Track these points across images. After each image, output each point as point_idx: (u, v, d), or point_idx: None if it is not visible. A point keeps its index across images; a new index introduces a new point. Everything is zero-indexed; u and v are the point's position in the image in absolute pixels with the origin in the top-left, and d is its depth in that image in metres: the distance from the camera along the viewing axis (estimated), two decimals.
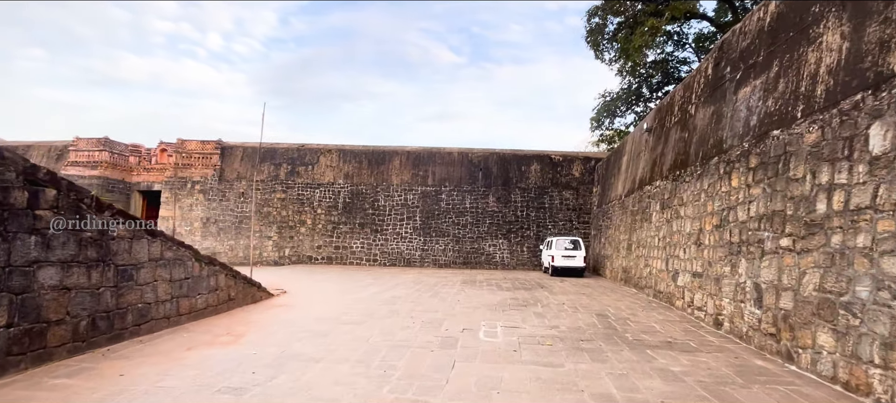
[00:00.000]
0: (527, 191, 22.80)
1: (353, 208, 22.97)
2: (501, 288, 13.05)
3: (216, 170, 23.58)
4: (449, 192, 22.89)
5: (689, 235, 9.14)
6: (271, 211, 23.15)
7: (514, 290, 12.42)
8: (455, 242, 22.39)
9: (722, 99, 8.53)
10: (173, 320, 6.75)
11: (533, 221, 22.50)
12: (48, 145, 25.30)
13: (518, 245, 22.29)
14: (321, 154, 23.66)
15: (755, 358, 5.80)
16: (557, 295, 11.45)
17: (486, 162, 23.25)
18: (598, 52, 28.44)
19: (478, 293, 11.71)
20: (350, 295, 10.90)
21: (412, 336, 6.59)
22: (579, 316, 8.55)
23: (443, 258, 22.27)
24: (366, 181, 23.24)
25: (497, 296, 11.07)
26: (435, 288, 12.51)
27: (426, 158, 23.40)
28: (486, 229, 22.48)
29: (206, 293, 7.55)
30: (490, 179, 23.01)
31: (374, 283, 13.62)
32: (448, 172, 23.17)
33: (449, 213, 22.68)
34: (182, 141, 24.12)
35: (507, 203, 22.72)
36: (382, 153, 23.59)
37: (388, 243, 22.52)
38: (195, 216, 23.33)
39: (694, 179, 9.25)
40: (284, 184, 23.34)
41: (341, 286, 12.83)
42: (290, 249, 22.75)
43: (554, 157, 23.21)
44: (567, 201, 22.63)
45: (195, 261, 7.29)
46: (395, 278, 15.56)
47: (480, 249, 22.30)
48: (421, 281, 14.43)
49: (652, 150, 12.97)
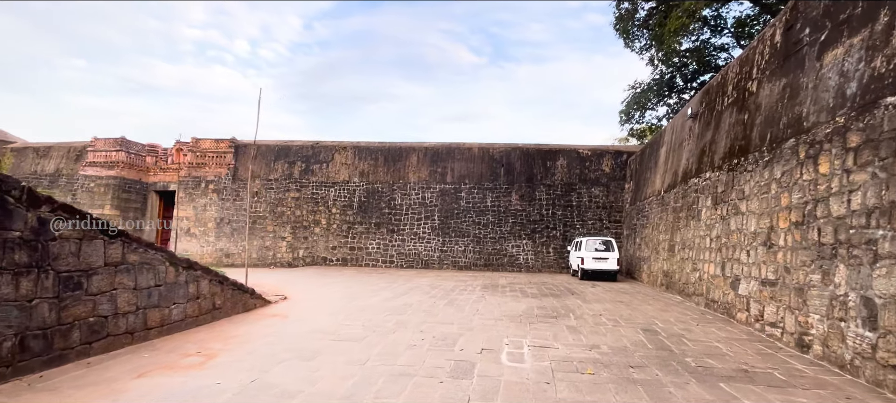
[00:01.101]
0: (552, 188, 21.31)
1: (368, 207, 21.98)
2: (526, 294, 11.71)
3: (230, 169, 23.01)
4: (469, 190, 21.62)
5: (755, 235, 7.61)
6: (285, 211, 22.39)
7: (541, 297, 11.06)
8: (475, 243, 21.10)
9: (798, 68, 6.98)
10: (139, 335, 5.73)
11: (559, 220, 20.99)
12: (68, 146, 25.29)
13: (543, 246, 20.82)
14: (336, 151, 22.77)
15: (874, 399, 4.33)
16: (591, 304, 10.03)
17: (509, 157, 21.87)
18: (628, 40, 26.63)
19: (500, 300, 10.40)
20: (357, 301, 9.77)
21: (419, 358, 5.37)
22: (622, 331, 7.15)
23: (462, 259, 21.02)
24: (382, 179, 22.21)
25: (522, 305, 9.74)
26: (452, 294, 11.27)
27: (445, 154, 22.20)
28: (509, 229, 21.10)
29: (183, 302, 6.52)
30: (513, 176, 21.62)
31: (386, 288, 12.48)
32: (468, 169, 21.90)
33: (469, 212, 21.41)
34: (196, 139, 23.66)
35: (532, 201, 21.28)
36: (399, 150, 22.51)
37: (404, 244, 21.42)
38: (209, 216, 22.79)
39: (759, 168, 7.71)
40: (298, 183, 22.55)
41: (350, 290, 11.75)
42: (304, 250, 21.93)
43: (582, 152, 21.64)
44: (596, 198, 21.03)
45: (169, 266, 6.28)
46: (410, 282, 14.40)
47: (503, 250, 20.94)
48: (437, 286, 13.22)
49: (698, 138, 11.39)
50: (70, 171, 24.68)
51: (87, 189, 23.73)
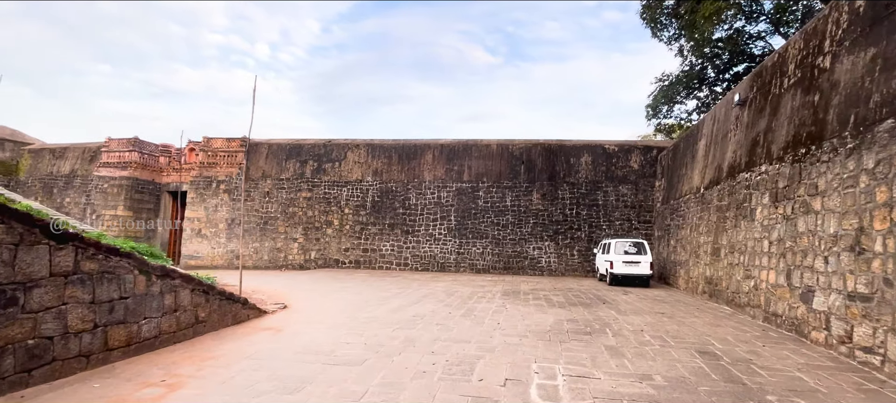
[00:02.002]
0: (576, 186, 20.00)
1: (382, 207, 21.07)
2: (552, 302, 10.53)
3: (241, 169, 22.41)
4: (487, 189, 20.49)
5: (836, 238, 6.30)
6: (297, 211, 21.67)
7: (569, 307, 9.88)
8: (494, 245, 19.95)
9: (892, 33, 5.68)
10: (98, 358, 4.84)
11: (584, 221, 19.67)
12: (83, 147, 25.18)
13: (567, 248, 19.54)
14: (348, 149, 21.94)
15: None
16: (628, 316, 8.81)
17: (529, 154, 20.66)
18: (656, 30, 25.12)
19: (523, 310, 9.27)
20: (363, 311, 8.79)
21: (428, 392, 4.32)
22: (674, 354, 5.95)
23: (480, 262, 19.90)
24: (396, 178, 21.27)
25: (548, 316, 8.59)
26: (469, 303, 10.18)
27: (461, 152, 21.13)
28: (530, 230, 19.88)
29: (156, 316, 5.62)
30: (534, 174, 20.40)
31: (398, 294, 11.48)
32: (486, 167, 20.77)
33: (487, 212, 20.28)
34: (208, 139, 23.18)
35: (554, 200, 20.02)
36: (413, 147, 21.54)
37: (420, 245, 20.42)
38: (220, 217, 22.26)
39: (840, 157, 6.40)
40: (310, 182, 21.81)
41: (358, 297, 10.78)
42: (316, 252, 21.16)
43: (608, 147, 20.27)
44: (624, 197, 19.63)
45: (138, 274, 5.38)
46: (425, 287, 13.37)
47: (523, 253, 19.74)
48: (454, 292, 12.16)
49: (748, 128, 10.03)
50: (85, 172, 24.54)
51: (100, 190, 23.51)
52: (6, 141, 26.02)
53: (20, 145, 26.39)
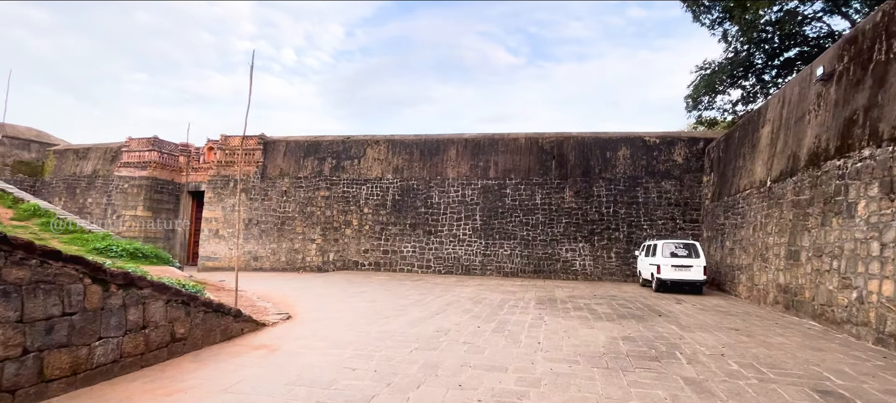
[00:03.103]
0: (613, 182, 18.33)
1: (403, 206, 19.91)
2: (597, 314, 9.06)
3: (258, 167, 21.69)
4: (515, 186, 19.05)
5: None
6: (315, 211, 20.76)
7: (619, 319, 8.39)
8: (523, 246, 18.49)
9: None
10: (27, 393, 3.74)
11: (622, 220, 17.97)
12: (104, 147, 25.05)
13: (603, 249, 17.88)
14: (368, 146, 20.90)
15: None
16: (695, 333, 7.27)
17: (560, 148, 19.10)
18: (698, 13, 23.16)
19: (565, 323, 7.85)
20: (377, 324, 7.56)
21: None
22: (783, 392, 4.45)
23: (508, 265, 18.47)
24: (417, 175, 20.08)
25: (598, 332, 7.15)
26: (500, 313, 8.83)
27: (487, 146, 19.75)
28: (562, 230, 18.32)
29: (116, 336, 4.52)
30: (566, 169, 18.83)
31: (418, 302, 10.23)
32: (513, 162, 19.33)
33: (515, 211, 18.84)
34: (225, 137, 22.58)
35: (589, 197, 18.40)
36: (436, 142, 20.31)
37: (443, 247, 19.16)
38: (237, 217, 21.54)
39: None
40: (328, 181, 20.86)
41: (374, 306, 9.58)
42: (334, 253, 20.18)
43: (648, 140, 18.50)
44: (667, 194, 17.83)
45: (91, 283, 4.28)
46: (449, 293, 12.08)
47: (555, 255, 18.19)
48: (481, 299, 10.82)
49: (839, 105, 8.31)
50: (106, 172, 24.37)
51: (120, 190, 23.25)
52: (32, 142, 26.20)
53: (46, 146, 26.54)
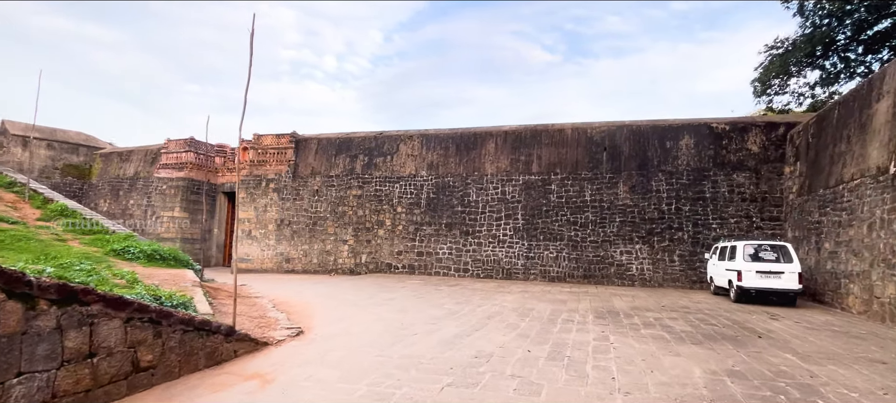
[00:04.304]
0: (675, 175, 16.15)
1: (438, 205, 18.57)
2: (675, 333, 7.27)
3: (290, 166, 21.05)
4: (561, 181, 17.25)
5: None
6: (346, 211, 19.82)
7: (708, 342, 6.59)
8: (571, 247, 16.65)
9: None
10: None
11: (686, 218, 15.77)
12: (145, 149, 25.36)
13: (665, 252, 15.75)
14: (401, 141, 19.73)
15: None
16: (824, 365, 5.40)
17: (613, 139, 17.11)
18: None
19: (640, 347, 6.17)
20: (403, 344, 6.19)
21: None
22: None
23: (554, 269, 16.69)
24: (453, 171, 18.68)
25: (689, 362, 5.44)
26: (553, 330, 7.24)
27: (529, 139, 18.06)
28: (616, 230, 16.34)
29: (48, 368, 3.37)
30: (619, 162, 16.83)
31: (453, 314, 8.80)
32: (559, 155, 17.54)
33: (561, 209, 17.04)
34: (258, 136, 22.12)
35: (646, 193, 16.31)
36: (473, 136, 18.84)
37: (481, 248, 17.64)
38: (269, 217, 21.02)
39: None
40: (360, 179, 19.87)
41: (402, 318, 8.24)
42: (367, 255, 19.14)
43: (716, 127, 16.18)
44: (740, 188, 15.47)
45: (7, 298, 3.14)
46: (489, 301, 10.57)
47: (608, 257, 16.24)
48: (528, 311, 9.24)
49: None
50: (146, 174, 24.62)
51: (159, 191, 23.35)
52: (81, 146, 27.00)
53: (93, 150, 27.29)
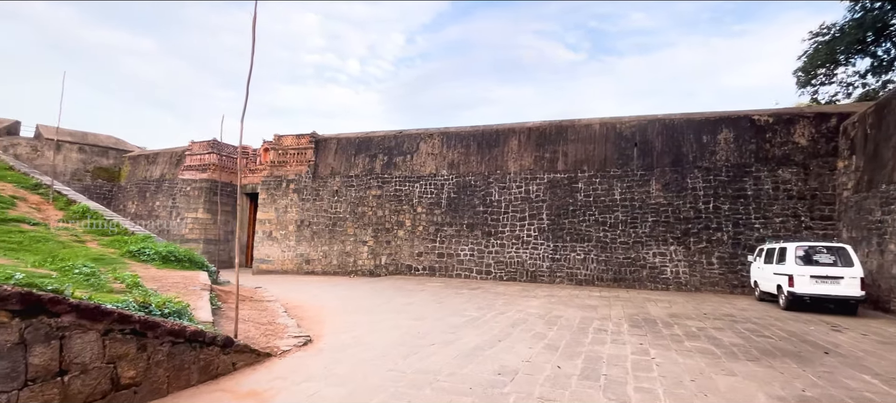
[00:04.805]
0: (712, 171, 15.07)
1: (459, 205, 17.98)
2: (725, 347, 6.46)
3: (310, 166, 20.86)
4: (588, 179, 16.39)
5: None
6: (366, 211, 19.47)
7: (765, 358, 5.77)
8: (600, 249, 15.78)
9: None
10: None
11: (726, 218, 14.68)
12: (171, 152, 25.74)
13: (702, 254, 14.70)
14: (421, 140, 19.25)
15: None
16: None
17: (644, 134, 16.14)
18: None
19: (686, 363, 5.42)
20: (418, 356, 5.63)
21: None
22: None
23: (582, 271, 15.85)
24: (475, 170, 18.07)
25: (749, 384, 4.67)
26: (585, 341, 6.55)
27: (554, 135, 17.27)
28: (648, 230, 15.38)
29: (8, 388, 2.96)
30: (651, 158, 15.86)
31: (474, 321, 8.20)
32: (586, 152, 16.68)
33: (589, 208, 16.18)
34: (278, 137, 22.06)
35: (681, 191, 15.29)
36: (495, 133, 18.17)
37: (504, 250, 16.95)
38: (290, 218, 20.88)
39: None
40: (380, 179, 19.48)
41: (419, 325, 7.70)
42: (386, 257, 18.72)
43: (758, 119, 15.02)
44: (786, 185, 14.28)
45: None
46: (512, 306, 9.92)
47: (639, 259, 15.29)
48: (556, 318, 8.55)
49: None
50: (172, 176, 24.97)
51: (183, 192, 23.60)
52: (110, 149, 27.66)
53: (122, 153, 27.92)
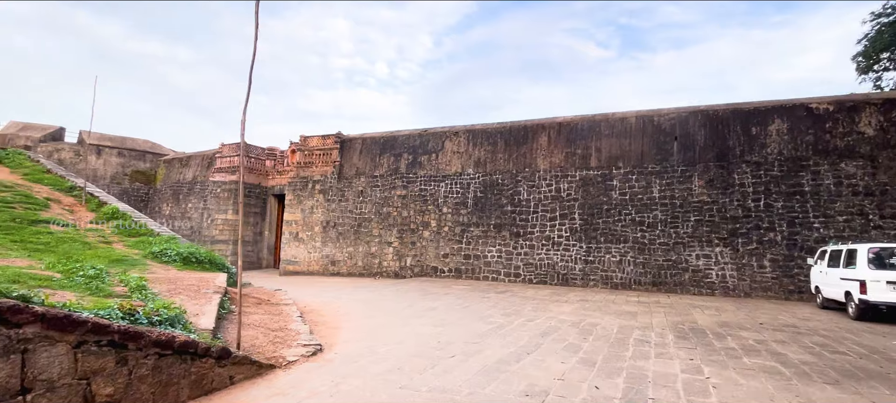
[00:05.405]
0: (763, 166, 13.80)
1: (485, 204, 17.31)
2: (794, 365, 5.55)
3: (335, 167, 20.70)
4: (624, 176, 15.38)
5: None
6: (391, 212, 19.09)
7: (847, 381, 4.85)
8: (637, 250, 14.75)
9: None
10: None
11: (779, 216, 13.38)
12: (202, 154, 26.27)
13: (752, 256, 13.45)
14: (446, 138, 18.70)
15: None
16: None
17: (685, 126, 15.00)
18: None
19: (752, 386, 4.59)
20: (435, 371, 5.04)
21: None
22: None
23: (618, 274, 14.86)
24: (502, 168, 17.35)
25: None
26: (625, 355, 5.78)
27: (586, 130, 16.34)
28: (690, 230, 14.24)
29: None
30: (693, 153, 14.71)
31: (500, 329, 7.54)
32: (621, 147, 15.67)
33: (625, 207, 15.17)
34: (304, 138, 22.03)
35: (727, 188, 14.08)
36: (523, 129, 17.40)
37: (534, 251, 16.15)
38: (315, 219, 20.78)
39: None
40: (404, 178, 19.06)
41: (439, 334, 7.11)
42: (411, 258, 18.26)
43: (816, 108, 13.64)
44: (851, 179, 12.86)
45: None
46: (543, 313, 9.19)
47: (681, 262, 14.18)
48: (590, 327, 7.78)
49: None
50: (203, 178, 25.45)
51: (214, 194, 23.97)
52: (147, 153, 28.55)
53: (158, 156, 28.77)
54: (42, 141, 26.27)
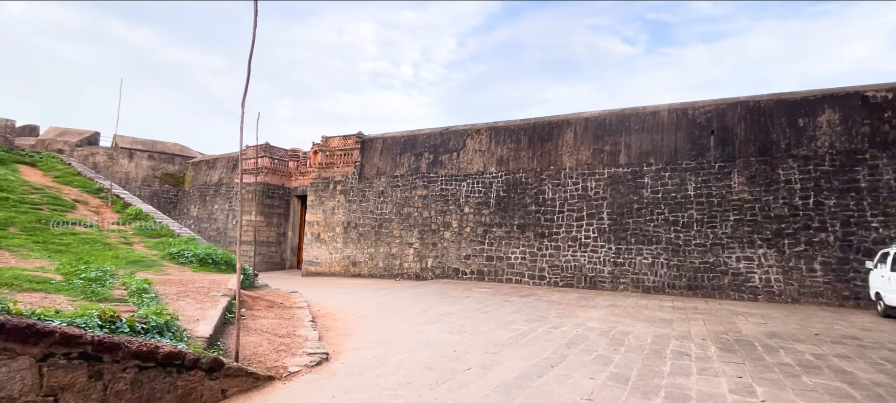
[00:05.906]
0: (812, 161, 12.68)
1: (508, 204, 16.71)
2: (867, 388, 4.79)
3: (356, 167, 20.52)
4: (656, 173, 14.50)
5: None
6: (412, 212, 18.73)
7: None
8: (671, 252, 13.85)
9: None
10: None
11: (831, 215, 12.25)
12: (228, 156, 26.65)
13: (801, 258, 12.37)
14: (468, 136, 18.20)
15: None
16: None
17: (722, 119, 14.00)
18: None
19: None
20: (447, 385, 4.56)
21: None
22: None
23: (650, 277, 13.99)
24: (525, 166, 16.71)
25: None
26: (663, 371, 5.15)
27: (615, 126, 15.52)
28: (730, 231, 13.25)
29: None
30: (732, 147, 13.70)
31: (522, 337, 6.99)
32: (653, 143, 14.79)
33: (657, 206, 14.29)
34: (326, 138, 21.97)
35: (771, 185, 13.02)
36: (548, 126, 16.71)
37: (559, 253, 15.44)
38: (337, 220, 20.65)
39: None
40: (425, 178, 18.67)
41: (455, 342, 6.62)
42: (433, 259, 17.84)
43: (872, 96, 12.44)
44: None
45: None
46: (568, 320, 8.56)
47: (719, 264, 13.20)
48: (621, 336, 7.12)
49: None
50: (228, 180, 25.81)
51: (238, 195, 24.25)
52: (176, 156, 29.23)
53: (186, 159, 29.42)
54: (78, 145, 27.25)
